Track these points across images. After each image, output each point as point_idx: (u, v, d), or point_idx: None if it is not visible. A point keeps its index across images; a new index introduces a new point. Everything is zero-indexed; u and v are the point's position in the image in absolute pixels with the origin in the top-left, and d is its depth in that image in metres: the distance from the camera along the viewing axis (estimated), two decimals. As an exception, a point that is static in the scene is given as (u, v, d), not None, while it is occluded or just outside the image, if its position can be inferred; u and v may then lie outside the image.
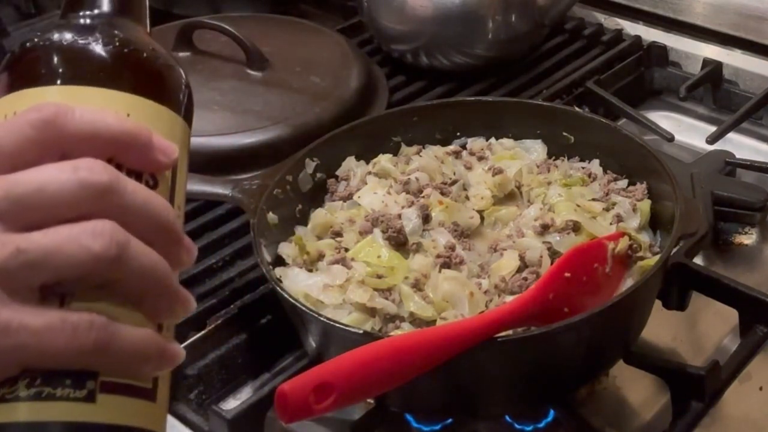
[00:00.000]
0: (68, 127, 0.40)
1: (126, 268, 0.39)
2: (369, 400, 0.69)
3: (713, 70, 1.10)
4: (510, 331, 0.62)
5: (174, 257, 0.42)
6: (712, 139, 0.98)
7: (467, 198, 0.80)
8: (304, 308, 0.66)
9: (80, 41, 0.45)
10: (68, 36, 0.45)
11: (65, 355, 0.38)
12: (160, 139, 0.43)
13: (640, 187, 0.79)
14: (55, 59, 0.45)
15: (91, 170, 0.39)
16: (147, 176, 0.43)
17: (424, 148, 0.87)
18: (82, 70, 0.44)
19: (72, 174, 0.38)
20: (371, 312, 0.68)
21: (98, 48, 0.45)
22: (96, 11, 0.47)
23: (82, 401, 0.39)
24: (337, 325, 0.65)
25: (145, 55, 0.46)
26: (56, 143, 0.40)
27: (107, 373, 0.40)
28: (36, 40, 0.46)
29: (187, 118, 0.48)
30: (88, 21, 0.47)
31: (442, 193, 0.79)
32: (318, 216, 0.79)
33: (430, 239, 0.75)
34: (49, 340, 0.38)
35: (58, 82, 0.44)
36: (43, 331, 0.38)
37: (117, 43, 0.46)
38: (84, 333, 0.38)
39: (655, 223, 0.77)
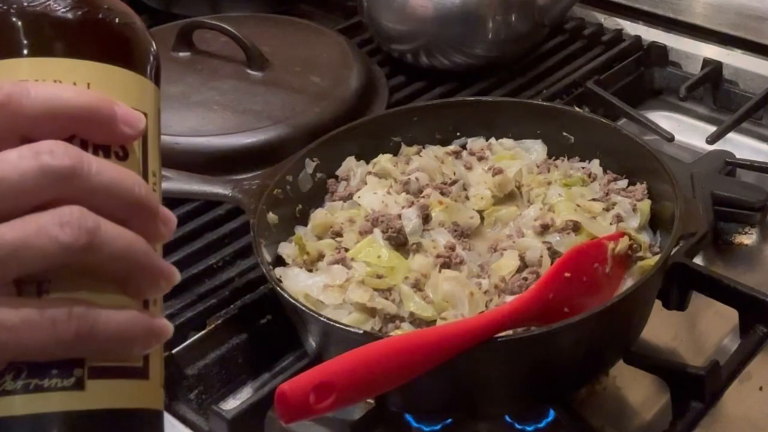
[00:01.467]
0: (24, 108, 0.38)
1: (100, 254, 0.38)
2: (369, 400, 0.69)
3: (713, 70, 1.10)
4: (510, 331, 0.62)
5: (151, 232, 0.41)
6: (712, 139, 0.98)
7: (467, 198, 0.80)
8: (304, 308, 0.66)
9: (29, 6, 0.41)
10: (16, 1, 0.42)
11: (48, 348, 0.38)
12: (125, 110, 0.41)
13: (640, 187, 0.79)
14: (5, 28, 0.41)
15: (52, 154, 0.37)
16: (116, 147, 0.41)
17: (424, 148, 0.87)
18: (35, 40, 0.41)
19: (33, 160, 0.37)
20: (371, 312, 0.68)
21: (52, 13, 0.41)
22: None
23: (71, 389, 0.39)
24: (337, 325, 0.65)
25: (101, 15, 0.43)
26: (14, 127, 0.38)
27: (94, 359, 0.39)
28: None
29: (156, 79, 0.46)
30: None
31: (442, 193, 0.79)
32: (318, 216, 0.79)
33: (430, 239, 0.75)
34: (28, 336, 0.37)
35: (10, 54, 0.41)
36: (21, 327, 0.37)
37: (71, 6, 0.42)
38: (63, 324, 0.37)
39: (655, 223, 0.77)
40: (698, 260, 0.83)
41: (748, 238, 0.91)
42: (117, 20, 0.43)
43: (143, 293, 0.41)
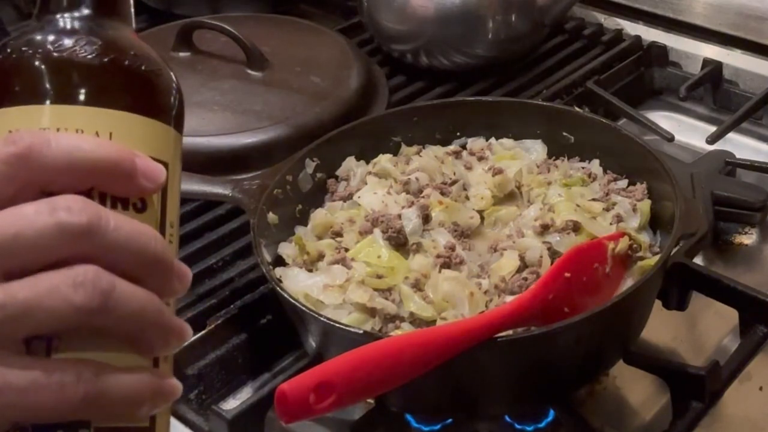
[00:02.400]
0: (44, 160, 0.37)
1: (113, 315, 0.37)
2: (369, 400, 0.69)
3: (713, 70, 1.10)
4: (510, 331, 0.62)
5: (166, 288, 0.40)
6: (712, 139, 0.98)
7: (467, 198, 0.80)
8: (304, 308, 0.66)
9: (55, 52, 0.40)
10: (41, 46, 0.41)
11: (54, 410, 0.37)
12: (146, 162, 0.40)
13: (640, 187, 0.79)
14: (28, 75, 0.40)
15: (69, 211, 0.36)
16: (134, 199, 0.40)
17: (424, 148, 0.87)
18: (59, 87, 0.40)
19: (49, 217, 0.36)
20: (371, 312, 0.68)
21: (76, 59, 0.40)
22: (74, 12, 0.42)
23: None
24: (337, 325, 0.65)
25: (127, 63, 0.41)
26: (33, 178, 0.38)
27: (100, 421, 0.38)
28: (8, 50, 0.41)
29: (178, 125, 0.44)
30: (64, 25, 0.42)
31: (442, 193, 0.79)
32: (318, 216, 0.79)
33: (430, 239, 0.75)
34: (35, 398, 0.36)
35: (33, 100, 0.40)
36: (29, 389, 0.36)
37: (96, 53, 0.41)
38: (71, 388, 0.37)
39: (655, 223, 0.77)
40: (698, 260, 0.83)
41: (748, 238, 0.91)
42: (143, 67, 0.42)
43: (154, 351, 0.41)
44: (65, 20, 0.42)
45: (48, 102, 0.40)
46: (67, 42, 0.41)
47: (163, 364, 0.42)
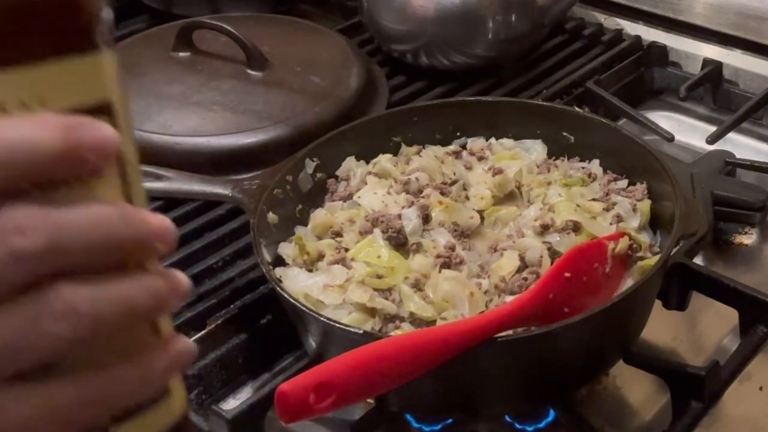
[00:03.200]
0: None
1: (103, 329, 0.33)
2: (369, 400, 0.69)
3: (713, 70, 1.10)
4: (510, 331, 0.62)
5: (148, 256, 0.36)
6: (712, 139, 0.98)
7: (467, 198, 0.80)
8: (304, 308, 0.66)
9: None
10: None
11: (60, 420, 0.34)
12: (90, 135, 0.33)
13: (640, 187, 0.79)
14: None
15: (22, 234, 0.31)
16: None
17: (424, 148, 0.87)
18: None
19: (2, 247, 0.31)
20: (371, 312, 0.68)
21: None
22: None
23: None
24: (337, 325, 0.65)
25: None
26: None
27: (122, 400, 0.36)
28: None
29: (109, 40, 0.35)
30: None
31: (442, 193, 0.79)
32: (318, 216, 0.79)
33: (430, 239, 0.75)
34: (42, 427, 0.34)
35: None
36: (31, 421, 0.33)
37: None
38: (77, 410, 0.34)
39: (655, 223, 0.77)
40: (698, 260, 0.83)
41: (748, 238, 0.91)
42: None
43: (158, 327, 0.38)
44: None
45: None
46: None
47: (164, 325, 0.38)
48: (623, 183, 0.81)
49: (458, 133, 0.88)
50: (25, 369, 0.33)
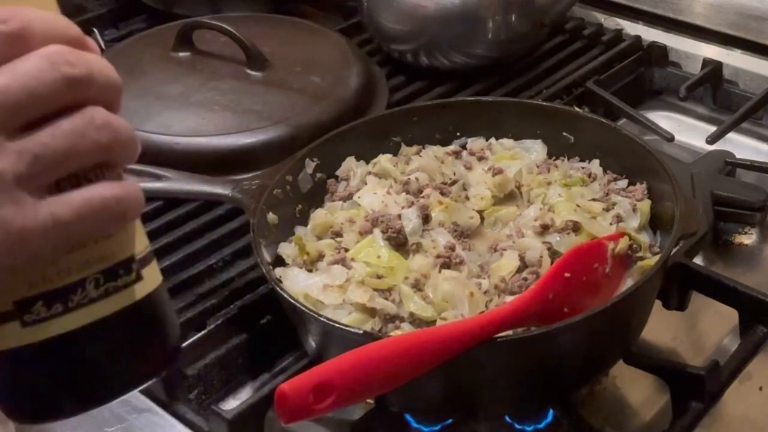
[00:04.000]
0: (35, 36, 0.40)
1: (127, 149, 0.43)
2: (369, 400, 0.69)
3: (713, 70, 1.10)
4: (510, 331, 0.62)
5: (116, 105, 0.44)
6: (712, 139, 0.98)
7: (467, 198, 0.80)
8: (304, 308, 0.66)
9: None
10: None
11: (102, 226, 0.42)
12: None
13: (640, 187, 0.79)
14: None
15: (71, 65, 0.40)
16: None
17: (424, 148, 0.87)
18: None
19: (55, 72, 0.40)
20: (371, 312, 0.68)
21: None
22: None
23: (135, 282, 0.44)
24: (337, 325, 0.65)
25: None
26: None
27: (140, 252, 0.45)
28: None
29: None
30: None
31: (442, 193, 0.79)
32: (318, 216, 0.79)
33: (430, 239, 0.75)
34: (84, 223, 0.41)
35: None
36: (76, 218, 0.41)
37: None
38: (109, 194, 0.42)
39: (655, 223, 0.77)
40: (698, 260, 0.83)
41: (748, 238, 0.91)
42: None
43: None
44: None
45: None
46: None
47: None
48: (623, 183, 0.81)
49: (458, 133, 0.88)
50: (71, 173, 0.41)
